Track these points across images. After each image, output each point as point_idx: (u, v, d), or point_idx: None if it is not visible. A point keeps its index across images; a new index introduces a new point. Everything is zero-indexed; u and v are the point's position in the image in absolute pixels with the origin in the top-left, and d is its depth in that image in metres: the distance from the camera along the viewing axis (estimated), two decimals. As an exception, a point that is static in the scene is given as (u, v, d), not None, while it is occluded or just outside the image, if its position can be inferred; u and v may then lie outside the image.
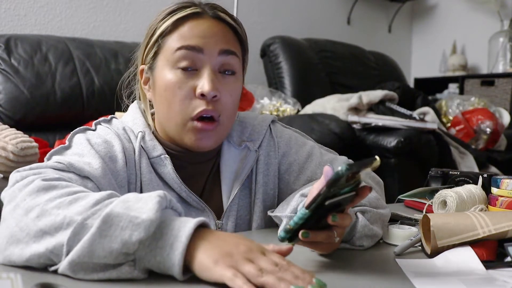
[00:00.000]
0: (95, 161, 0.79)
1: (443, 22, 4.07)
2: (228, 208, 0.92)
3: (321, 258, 0.75)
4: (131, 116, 0.94)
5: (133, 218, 0.59)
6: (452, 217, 0.78)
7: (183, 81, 0.84)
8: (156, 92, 0.88)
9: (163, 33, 0.87)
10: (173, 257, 0.59)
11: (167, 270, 0.60)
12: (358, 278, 0.67)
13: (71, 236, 0.60)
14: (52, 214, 0.62)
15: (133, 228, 0.59)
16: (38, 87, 1.98)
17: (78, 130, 0.87)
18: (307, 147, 0.98)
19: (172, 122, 0.87)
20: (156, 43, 0.88)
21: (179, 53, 0.84)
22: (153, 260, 0.60)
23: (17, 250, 0.62)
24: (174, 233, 0.60)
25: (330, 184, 0.61)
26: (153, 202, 0.61)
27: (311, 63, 3.01)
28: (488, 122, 2.70)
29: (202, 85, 0.83)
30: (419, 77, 4.02)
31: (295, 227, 0.66)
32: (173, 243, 0.60)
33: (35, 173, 0.71)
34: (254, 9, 3.18)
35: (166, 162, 0.88)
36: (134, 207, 0.61)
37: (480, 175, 1.13)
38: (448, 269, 0.70)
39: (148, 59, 0.90)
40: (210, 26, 0.86)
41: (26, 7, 2.37)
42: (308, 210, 0.64)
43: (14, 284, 0.48)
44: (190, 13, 0.86)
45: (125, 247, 0.59)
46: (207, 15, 0.87)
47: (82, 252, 0.59)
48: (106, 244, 0.59)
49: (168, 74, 0.85)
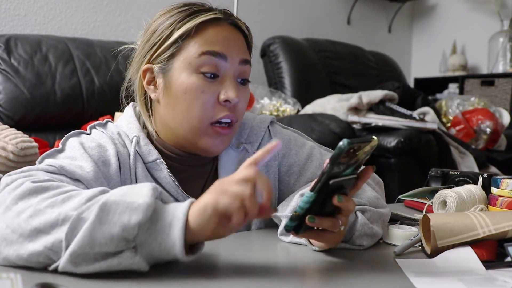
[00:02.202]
0: (87, 165, 0.79)
1: (443, 22, 4.07)
2: None
3: (321, 258, 0.76)
4: (126, 121, 0.93)
5: (130, 204, 0.61)
6: (452, 217, 0.78)
7: (206, 86, 0.84)
8: (170, 94, 0.86)
9: (184, 35, 0.85)
10: (173, 235, 0.60)
11: (169, 251, 0.61)
12: (358, 278, 0.67)
13: (69, 231, 0.60)
14: (46, 213, 0.62)
15: (131, 213, 0.60)
16: (38, 87, 1.99)
17: (72, 133, 0.87)
18: (307, 147, 0.98)
19: (188, 125, 0.86)
20: (175, 44, 0.85)
21: (204, 58, 0.84)
22: (154, 243, 0.61)
23: (12, 251, 0.62)
24: (170, 214, 0.62)
25: (334, 159, 0.62)
26: (147, 189, 0.63)
27: (311, 63, 3.01)
28: (488, 122, 2.70)
29: (226, 92, 0.84)
30: (419, 77, 4.02)
31: (301, 213, 0.66)
32: (171, 222, 0.61)
33: (25, 175, 0.70)
34: (254, 9, 3.18)
35: (161, 167, 0.88)
36: (129, 194, 0.62)
37: (480, 175, 1.13)
38: (448, 269, 0.70)
39: (161, 59, 0.87)
40: (231, 34, 0.87)
41: (26, 7, 2.37)
42: (313, 192, 0.64)
43: (14, 284, 0.48)
44: (212, 18, 0.86)
45: (125, 232, 0.59)
46: (226, 22, 0.88)
47: (83, 242, 0.59)
48: (106, 230, 0.59)
49: (190, 77, 0.84)
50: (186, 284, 0.62)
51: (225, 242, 0.85)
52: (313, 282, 0.68)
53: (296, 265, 0.73)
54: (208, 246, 0.68)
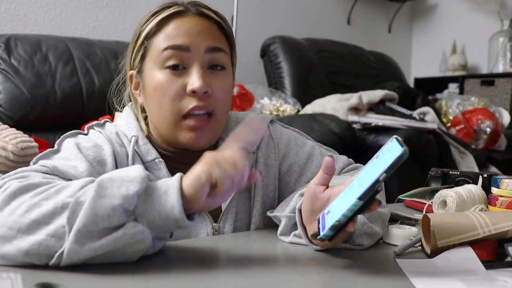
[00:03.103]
0: (81, 165, 0.79)
1: (443, 22, 4.07)
2: (225, 211, 0.91)
3: (321, 258, 0.75)
4: (125, 120, 0.93)
5: (125, 178, 0.64)
6: (452, 217, 0.78)
7: (173, 79, 0.84)
8: (146, 95, 0.88)
9: (148, 35, 0.87)
10: (171, 200, 0.64)
11: (169, 215, 0.64)
12: (358, 278, 0.67)
13: (70, 214, 0.61)
14: (43, 205, 0.63)
15: (128, 184, 0.63)
16: (38, 87, 1.98)
17: (69, 134, 0.87)
18: (307, 147, 0.98)
19: (164, 122, 0.86)
20: (142, 46, 0.87)
21: (166, 53, 0.84)
22: (153, 212, 0.64)
23: (11, 247, 0.62)
24: (163, 185, 0.66)
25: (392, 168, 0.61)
26: (137, 167, 0.67)
27: (311, 63, 3.01)
28: (488, 122, 2.70)
29: (192, 82, 0.83)
30: (419, 77, 4.02)
31: (344, 221, 0.65)
32: (166, 191, 0.65)
33: (17, 177, 0.71)
34: (254, 9, 3.18)
35: (160, 166, 0.88)
36: (122, 172, 0.66)
37: (480, 175, 1.13)
38: (448, 269, 0.70)
39: (136, 63, 0.89)
40: (195, 24, 0.86)
41: (26, 7, 2.37)
42: (362, 200, 0.64)
43: (14, 284, 0.48)
44: (173, 12, 0.86)
45: (125, 202, 0.62)
46: (191, 12, 0.87)
47: (86, 218, 0.61)
48: (108, 202, 0.62)
49: (157, 74, 0.85)
50: (186, 283, 0.62)
51: (225, 242, 0.85)
52: (313, 282, 0.67)
53: (296, 265, 0.73)
54: (208, 246, 0.68)
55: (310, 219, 0.75)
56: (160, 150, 0.91)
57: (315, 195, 0.74)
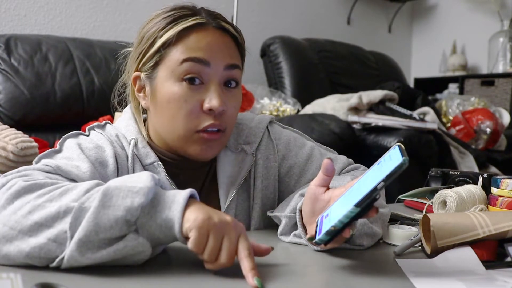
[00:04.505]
0: (84, 165, 0.79)
1: (443, 22, 4.07)
2: (225, 212, 0.91)
3: (321, 258, 0.76)
4: (125, 122, 0.93)
5: (131, 188, 0.63)
6: (452, 217, 0.78)
7: (189, 94, 0.83)
8: (156, 103, 0.86)
9: (166, 43, 0.84)
10: (173, 216, 0.62)
11: (169, 231, 0.63)
12: (358, 278, 0.67)
13: (73, 220, 0.61)
14: (46, 207, 0.62)
15: (133, 196, 0.62)
16: (38, 87, 1.99)
17: (70, 134, 0.86)
18: (307, 148, 0.98)
19: (175, 134, 0.85)
20: (158, 53, 0.85)
21: (186, 65, 0.82)
22: (154, 225, 0.63)
23: (13, 247, 0.62)
24: (171, 198, 0.64)
25: (391, 177, 0.62)
26: (146, 175, 0.65)
27: (311, 63, 3.01)
28: (488, 122, 2.70)
29: (210, 100, 0.82)
30: (419, 77, 4.02)
31: (340, 227, 0.66)
32: (171, 205, 0.63)
33: (20, 175, 0.70)
34: (254, 9, 3.18)
35: (159, 170, 0.88)
36: (129, 181, 0.64)
37: (480, 175, 1.13)
38: (448, 269, 0.70)
39: (147, 68, 0.87)
40: (215, 39, 0.84)
41: (26, 7, 2.37)
42: (359, 207, 0.64)
43: (14, 284, 0.48)
44: (194, 24, 0.84)
45: (128, 214, 0.61)
46: (210, 25, 0.85)
47: (88, 228, 0.60)
48: (111, 213, 0.61)
49: (173, 86, 0.83)
50: (186, 283, 0.62)
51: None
52: (313, 282, 0.67)
53: (296, 265, 0.73)
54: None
55: (310, 220, 0.75)
56: (159, 154, 0.90)
57: (316, 196, 0.74)
